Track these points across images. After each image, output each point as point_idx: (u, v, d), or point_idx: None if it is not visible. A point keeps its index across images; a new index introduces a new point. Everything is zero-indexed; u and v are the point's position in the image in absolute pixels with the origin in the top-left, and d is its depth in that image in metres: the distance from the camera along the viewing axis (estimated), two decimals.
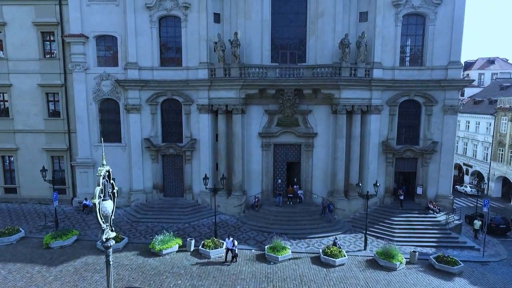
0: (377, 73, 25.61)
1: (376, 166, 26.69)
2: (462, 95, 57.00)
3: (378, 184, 22.42)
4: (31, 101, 27.82)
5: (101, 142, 27.85)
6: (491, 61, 62.08)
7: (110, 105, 27.78)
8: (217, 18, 26.83)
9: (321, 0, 25.90)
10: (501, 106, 41.27)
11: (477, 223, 25.78)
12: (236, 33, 25.47)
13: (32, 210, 27.50)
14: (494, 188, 42.52)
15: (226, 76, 25.61)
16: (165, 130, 27.90)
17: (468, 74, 62.80)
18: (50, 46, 27.64)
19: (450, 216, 25.29)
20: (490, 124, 43.47)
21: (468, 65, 63.11)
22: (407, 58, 26.58)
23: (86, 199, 27.22)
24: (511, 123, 39.67)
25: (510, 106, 39.71)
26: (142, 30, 26.46)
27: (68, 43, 26.69)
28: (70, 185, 28.68)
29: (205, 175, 23.23)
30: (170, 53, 27.27)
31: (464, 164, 49.43)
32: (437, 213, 25.70)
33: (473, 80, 28.89)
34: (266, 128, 27.31)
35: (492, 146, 42.98)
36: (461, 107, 28.30)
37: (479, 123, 46.19)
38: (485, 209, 26.47)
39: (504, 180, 41.59)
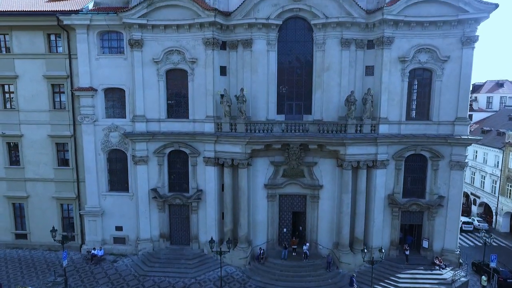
0: (383, 129, 25.62)
1: (382, 220, 26.69)
2: (470, 119, 56.57)
3: (383, 251, 22.52)
4: (41, 150, 28.39)
5: (109, 192, 28.43)
6: (500, 84, 61.36)
7: (118, 155, 28.23)
8: (223, 70, 27.07)
9: (327, 55, 25.98)
10: (509, 141, 40.89)
11: (484, 279, 25.65)
12: (242, 89, 25.70)
13: (41, 259, 28.08)
14: (502, 223, 42.12)
15: (232, 131, 25.85)
16: (171, 180, 28.24)
17: (476, 97, 62.26)
18: (60, 98, 28.16)
19: (456, 273, 25.20)
20: (499, 157, 43.06)
21: (477, 88, 62.48)
22: (414, 112, 26.54)
23: (94, 248, 27.70)
24: None
25: None
26: (150, 83, 26.84)
27: (78, 96, 27.21)
28: (79, 232, 29.20)
29: (211, 238, 23.51)
30: (177, 106, 27.59)
31: (472, 193, 49.02)
32: (443, 269, 25.62)
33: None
34: (271, 179, 27.48)
35: (500, 180, 42.58)
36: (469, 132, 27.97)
37: (487, 154, 45.75)
38: (492, 265, 26.40)
39: None
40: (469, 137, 25.33)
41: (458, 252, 26.81)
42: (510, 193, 40.86)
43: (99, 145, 27.80)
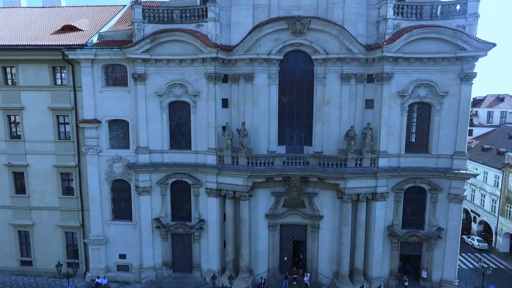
0: (382, 162, 26.00)
1: (381, 251, 27.06)
2: (470, 134, 56.84)
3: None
4: (46, 180, 28.86)
5: (113, 220, 28.91)
6: (500, 99, 61.62)
7: (122, 185, 28.68)
8: (225, 103, 27.49)
9: (327, 89, 26.36)
10: (509, 163, 41.16)
11: None
12: (243, 123, 26.14)
13: (46, 286, 28.56)
14: (502, 243, 42.38)
15: (234, 164, 26.28)
16: (174, 210, 28.67)
17: (476, 112, 62.50)
18: (65, 129, 28.65)
19: None
20: (498, 177, 43.32)
21: (477, 102, 62.74)
22: (413, 145, 26.89)
23: (98, 277, 28.17)
24: None
25: None
26: (153, 115, 27.28)
27: (82, 127, 27.68)
28: (83, 260, 29.67)
29: (213, 274, 23.93)
30: (179, 137, 28.01)
31: (472, 211, 49.29)
32: None
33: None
34: (272, 209, 27.88)
35: (500, 200, 42.85)
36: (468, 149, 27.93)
37: (487, 173, 46.00)
38: None
39: None
40: (468, 172, 25.66)
41: (456, 283, 27.16)
42: (509, 214, 41.14)
43: (103, 175, 28.27)
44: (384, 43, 24.12)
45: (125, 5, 33.87)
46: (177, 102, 27.46)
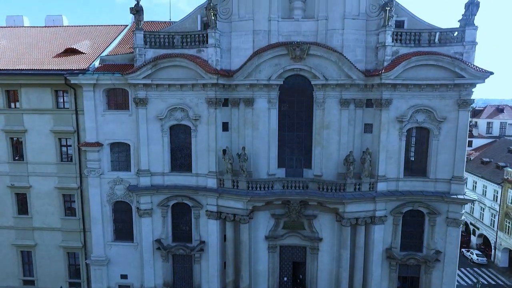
0: (381, 186, 26.27)
1: (380, 273, 27.32)
2: (470, 145, 57.12)
3: None
4: (48, 201, 29.21)
5: (114, 241, 29.21)
6: (500, 110, 61.96)
7: (123, 206, 28.98)
8: (225, 126, 27.77)
9: (326, 114, 26.64)
10: (508, 178, 41.42)
11: None
12: (243, 148, 26.45)
13: None
14: (501, 258, 42.78)
15: (234, 188, 26.57)
16: (175, 231, 28.94)
17: (476, 123, 62.78)
18: (67, 151, 28.98)
19: None
20: (497, 192, 43.60)
21: (477, 113, 63.09)
22: (411, 169, 27.11)
23: None
24: None
25: None
26: (154, 138, 27.57)
27: (84, 150, 28.00)
28: (85, 280, 30.01)
29: None
30: (180, 159, 28.27)
31: (471, 223, 49.57)
32: None
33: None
34: (272, 231, 28.15)
35: (499, 215, 43.11)
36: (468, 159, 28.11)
37: (486, 187, 46.38)
38: None
39: (511, 251, 41.72)
40: (465, 197, 25.84)
41: None
42: (508, 230, 41.42)
43: (105, 197, 28.57)
44: (383, 71, 24.37)
45: (127, 25, 34.23)
46: (178, 126, 27.76)
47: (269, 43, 26.38)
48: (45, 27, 35.05)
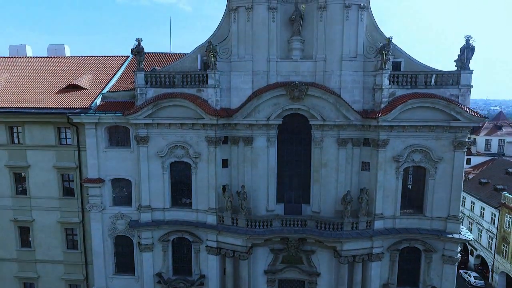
0: (378, 224, 26.70)
1: None
2: (468, 163, 57.48)
3: None
4: (51, 234, 29.74)
5: (116, 274, 29.68)
6: (498, 127, 62.31)
7: (125, 240, 29.45)
8: (225, 163, 28.21)
9: (324, 152, 27.06)
10: (505, 203, 41.79)
11: None
12: (243, 186, 26.94)
13: None
14: (498, 281, 43.16)
15: (234, 225, 27.01)
16: (175, 265, 29.38)
17: (474, 139, 63.13)
18: (69, 185, 29.47)
19: None
20: (495, 215, 43.97)
21: (475, 130, 63.32)
22: (408, 207, 27.53)
23: None
24: None
25: None
26: (155, 175, 28.00)
27: (86, 186, 28.48)
28: None
29: None
30: (181, 194, 28.77)
31: (469, 243, 49.91)
32: None
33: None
34: (271, 265, 28.54)
35: (496, 238, 43.49)
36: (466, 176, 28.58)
37: (484, 208, 46.74)
38: None
39: (508, 275, 42.08)
40: (461, 237, 26.23)
41: None
42: (505, 254, 41.78)
43: (107, 231, 29.05)
44: (380, 114, 24.81)
45: (128, 56, 34.63)
46: (179, 162, 28.23)
47: (268, 83, 26.83)
48: (48, 57, 35.49)
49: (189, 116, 26.86)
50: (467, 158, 53.21)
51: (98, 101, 28.39)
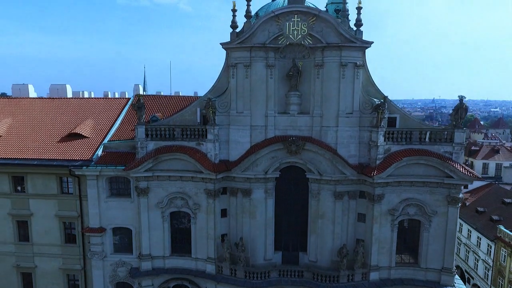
0: (373, 276, 27.23)
1: None
2: (466, 187, 57.82)
3: None
4: (53, 280, 30.33)
5: None
6: (495, 150, 62.81)
7: (125, 287, 30.03)
8: (224, 213, 28.77)
9: (321, 205, 27.59)
10: (500, 237, 42.28)
11: None
12: (241, 238, 27.52)
13: None
14: None
15: (232, 276, 27.57)
16: None
17: (472, 163, 63.59)
18: (71, 232, 30.03)
19: None
20: (491, 247, 44.44)
21: (472, 153, 63.91)
22: (403, 258, 28.09)
23: None
24: (510, 259, 40.67)
25: (510, 242, 40.72)
26: (155, 224, 28.56)
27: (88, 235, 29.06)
28: None
29: None
30: (180, 243, 29.33)
31: (466, 271, 50.42)
32: None
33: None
34: None
35: (492, 270, 43.97)
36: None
37: (480, 239, 47.16)
38: None
39: None
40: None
41: None
42: (501, 287, 42.26)
43: (108, 278, 29.64)
44: (375, 173, 25.35)
45: (129, 98, 35.22)
46: (178, 212, 28.81)
47: (266, 137, 27.36)
48: (49, 98, 36.08)
49: (188, 169, 27.45)
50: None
51: (100, 151, 28.94)
